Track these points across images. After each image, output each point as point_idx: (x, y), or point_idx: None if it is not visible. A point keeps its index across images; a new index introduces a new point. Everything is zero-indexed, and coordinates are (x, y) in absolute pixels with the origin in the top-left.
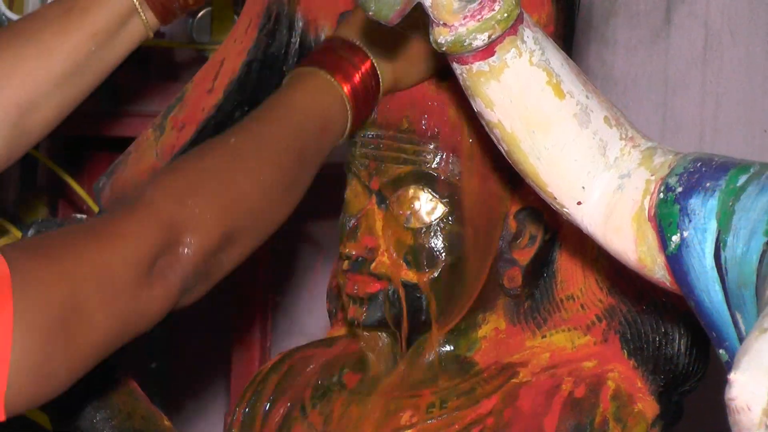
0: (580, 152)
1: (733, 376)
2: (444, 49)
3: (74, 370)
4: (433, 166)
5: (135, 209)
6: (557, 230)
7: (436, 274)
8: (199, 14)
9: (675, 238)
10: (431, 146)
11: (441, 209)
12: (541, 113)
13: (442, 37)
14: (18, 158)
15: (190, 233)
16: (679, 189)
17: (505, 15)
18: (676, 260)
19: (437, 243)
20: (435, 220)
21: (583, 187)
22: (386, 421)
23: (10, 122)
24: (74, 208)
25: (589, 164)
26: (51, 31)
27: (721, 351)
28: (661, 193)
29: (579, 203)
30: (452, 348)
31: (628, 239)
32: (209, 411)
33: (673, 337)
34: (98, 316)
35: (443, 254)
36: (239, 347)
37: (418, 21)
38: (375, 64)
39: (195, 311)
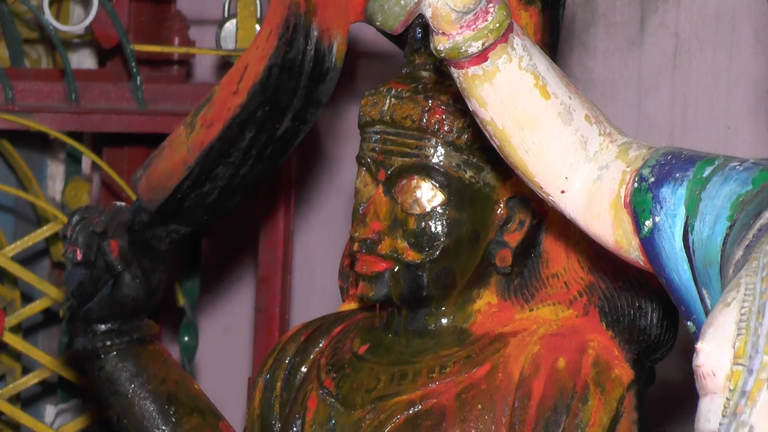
0: (563, 147)
1: (699, 346)
2: (443, 55)
3: None
4: (433, 159)
5: None
6: (543, 216)
7: (435, 255)
8: (225, 24)
9: (648, 223)
10: (432, 141)
11: (440, 197)
12: (529, 112)
13: (441, 44)
14: None
15: None
16: (652, 179)
17: (497, 25)
18: (649, 242)
19: (437, 227)
20: (435, 206)
21: (566, 178)
22: (391, 384)
23: None
24: (114, 197)
25: (571, 157)
26: None
27: (689, 323)
28: (636, 183)
29: (563, 192)
30: (450, 320)
31: (607, 224)
32: (233, 378)
33: (646, 311)
34: None
35: (442, 237)
36: (260, 318)
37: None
38: None
39: (219, 282)
